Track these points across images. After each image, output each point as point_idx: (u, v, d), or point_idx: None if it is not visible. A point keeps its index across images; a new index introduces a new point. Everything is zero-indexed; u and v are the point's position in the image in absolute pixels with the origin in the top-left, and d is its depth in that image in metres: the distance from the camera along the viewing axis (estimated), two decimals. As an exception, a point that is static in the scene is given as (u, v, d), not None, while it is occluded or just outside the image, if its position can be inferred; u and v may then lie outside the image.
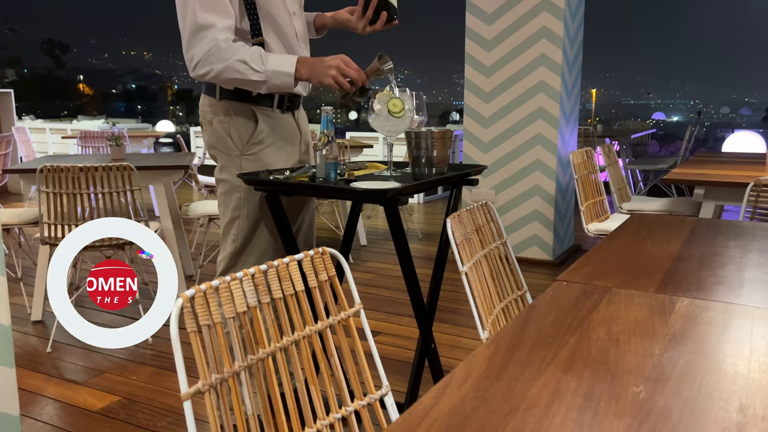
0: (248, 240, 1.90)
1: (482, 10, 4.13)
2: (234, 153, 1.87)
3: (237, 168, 1.87)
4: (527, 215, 4.18)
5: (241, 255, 1.91)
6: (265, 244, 1.92)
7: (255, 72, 1.73)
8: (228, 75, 1.74)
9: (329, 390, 1.11)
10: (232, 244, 1.90)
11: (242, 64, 1.73)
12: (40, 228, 2.84)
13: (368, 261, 4.31)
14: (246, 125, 1.86)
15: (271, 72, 1.73)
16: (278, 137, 1.90)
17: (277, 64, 1.74)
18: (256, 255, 1.90)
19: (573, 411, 0.71)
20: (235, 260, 1.91)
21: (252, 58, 1.73)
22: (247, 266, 1.88)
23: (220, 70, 1.74)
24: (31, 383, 2.47)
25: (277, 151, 1.90)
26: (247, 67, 1.73)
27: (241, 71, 1.73)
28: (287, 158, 1.93)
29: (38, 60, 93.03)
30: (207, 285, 0.93)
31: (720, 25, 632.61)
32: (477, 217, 1.59)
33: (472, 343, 2.82)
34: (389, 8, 1.87)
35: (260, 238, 1.91)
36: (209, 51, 1.73)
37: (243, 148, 1.87)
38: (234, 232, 1.89)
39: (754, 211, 2.61)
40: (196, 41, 1.74)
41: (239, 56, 1.73)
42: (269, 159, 1.89)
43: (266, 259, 1.90)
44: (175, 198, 3.69)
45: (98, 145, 6.07)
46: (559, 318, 1.01)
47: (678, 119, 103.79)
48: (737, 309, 1.06)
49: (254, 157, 1.87)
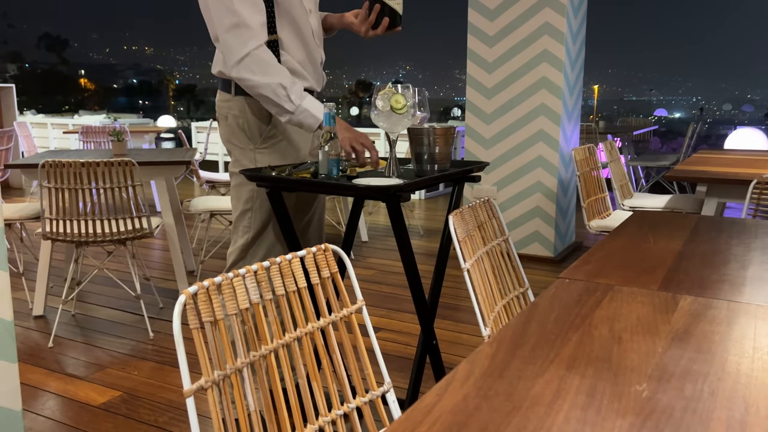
0: (260, 232, 1.94)
1: (485, 6, 4.12)
2: (248, 147, 1.92)
3: (251, 161, 1.92)
4: (529, 212, 4.18)
5: (251, 247, 1.94)
6: (275, 237, 1.96)
7: (290, 102, 1.76)
8: (263, 92, 1.77)
9: (331, 386, 1.11)
10: (243, 236, 1.94)
11: (282, 89, 1.76)
12: (41, 223, 2.84)
13: (370, 257, 4.31)
14: (260, 120, 1.90)
15: (303, 109, 1.78)
16: (292, 131, 1.94)
17: (311, 105, 1.79)
18: (266, 247, 1.94)
19: (576, 409, 0.71)
20: (245, 252, 1.95)
21: (292, 88, 1.77)
22: (256, 258, 1.93)
23: (259, 83, 1.76)
24: (33, 378, 2.48)
25: (291, 144, 1.94)
26: (285, 94, 1.76)
27: (278, 95, 1.76)
28: (300, 152, 1.97)
29: (39, 55, 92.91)
30: (210, 281, 0.93)
31: (722, 21, 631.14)
32: (479, 213, 1.59)
33: (474, 339, 2.82)
34: (393, 15, 1.90)
35: (271, 231, 1.94)
36: (250, 54, 1.75)
37: (257, 142, 1.91)
38: (245, 224, 1.93)
39: (756, 208, 2.60)
40: (235, 38, 1.75)
41: (282, 80, 1.77)
42: (283, 153, 1.93)
43: (276, 252, 1.95)
44: (176, 193, 3.69)
45: (100, 141, 6.07)
46: (562, 315, 1.01)
47: (680, 116, 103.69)
48: (740, 307, 1.06)
49: (268, 150, 1.91)
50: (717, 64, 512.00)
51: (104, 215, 2.83)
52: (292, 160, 1.94)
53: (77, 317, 3.16)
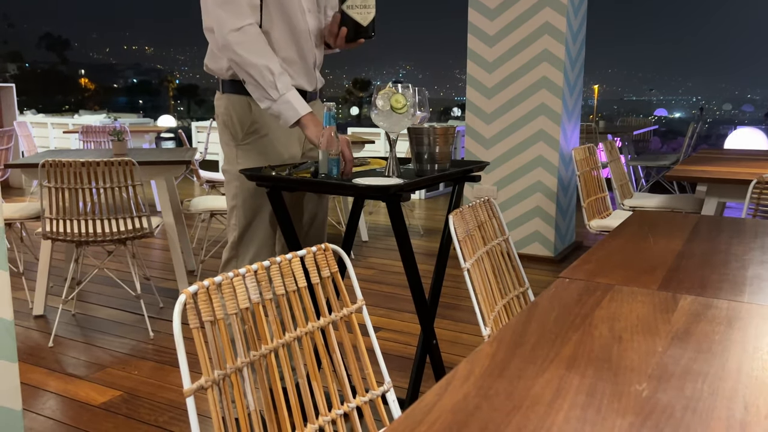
0: (246, 229, 1.94)
1: (485, 6, 4.12)
2: (231, 143, 1.93)
3: (234, 158, 1.93)
4: (529, 212, 4.18)
5: (240, 245, 1.95)
6: (264, 236, 1.95)
7: (275, 90, 1.74)
8: (250, 70, 1.74)
9: (331, 386, 1.11)
10: (233, 233, 1.96)
11: (270, 74, 1.74)
12: (41, 223, 2.84)
13: (370, 257, 4.31)
14: (242, 116, 1.90)
15: (285, 100, 1.75)
16: (276, 129, 1.93)
17: (295, 99, 1.77)
18: (256, 246, 1.94)
19: (576, 408, 0.71)
20: (236, 250, 1.96)
21: (280, 77, 1.75)
22: (247, 256, 1.94)
23: (248, 61, 1.73)
24: (33, 378, 2.48)
25: (275, 142, 1.93)
26: (272, 80, 1.74)
27: (264, 78, 1.74)
28: (285, 150, 1.96)
29: (40, 55, 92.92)
30: (210, 281, 0.93)
31: (723, 21, 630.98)
32: (479, 213, 1.59)
33: (474, 339, 2.82)
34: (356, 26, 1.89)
35: (259, 229, 1.94)
36: (243, 29, 1.73)
37: (240, 138, 1.92)
38: (234, 221, 1.95)
39: (757, 208, 2.60)
40: (229, 11, 1.73)
41: (272, 65, 1.75)
42: (266, 149, 1.92)
43: (266, 251, 1.95)
44: (176, 193, 3.69)
45: (100, 140, 6.07)
46: (562, 315, 1.01)
47: (680, 116, 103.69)
48: (740, 307, 1.06)
49: (250, 147, 1.92)
50: (717, 63, 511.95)
51: (104, 215, 2.83)
52: (275, 158, 1.93)
53: (77, 317, 3.16)
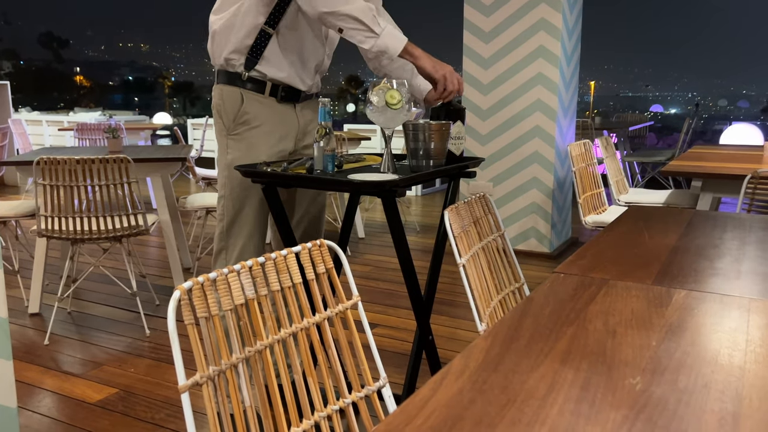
0: (233, 219, 1.96)
1: (481, 2, 4.12)
2: (223, 133, 1.95)
3: (224, 148, 1.95)
4: (525, 207, 4.19)
5: (229, 236, 1.97)
6: (251, 227, 1.97)
7: (378, 25, 1.74)
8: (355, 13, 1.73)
9: (327, 382, 1.11)
10: (220, 223, 1.98)
11: (371, 12, 1.74)
12: (37, 220, 2.83)
13: (366, 253, 4.31)
14: (232, 107, 1.92)
15: (389, 31, 1.75)
16: (267, 122, 1.93)
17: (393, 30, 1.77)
18: (244, 237, 1.96)
19: (570, 402, 0.71)
20: (225, 241, 1.98)
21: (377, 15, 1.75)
22: (236, 248, 1.95)
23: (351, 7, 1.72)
24: (28, 375, 2.47)
25: (264, 135, 1.93)
26: (373, 16, 1.74)
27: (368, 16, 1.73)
28: (275, 144, 1.96)
29: (35, 52, 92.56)
30: (204, 277, 0.93)
31: (718, 17, 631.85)
32: (475, 209, 1.59)
33: (470, 335, 2.82)
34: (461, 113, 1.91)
35: (246, 220, 1.96)
36: None
37: (229, 128, 1.93)
38: (221, 211, 1.97)
39: (751, 203, 2.61)
40: None
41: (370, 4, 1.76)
42: (254, 141, 1.93)
43: (254, 242, 1.95)
44: (172, 190, 3.68)
45: (95, 138, 6.05)
46: (557, 310, 1.02)
47: (676, 111, 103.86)
48: (734, 300, 1.07)
49: (239, 137, 1.93)
50: (712, 60, 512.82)
51: (100, 212, 2.83)
52: (265, 150, 1.93)
53: (73, 315, 3.15)
